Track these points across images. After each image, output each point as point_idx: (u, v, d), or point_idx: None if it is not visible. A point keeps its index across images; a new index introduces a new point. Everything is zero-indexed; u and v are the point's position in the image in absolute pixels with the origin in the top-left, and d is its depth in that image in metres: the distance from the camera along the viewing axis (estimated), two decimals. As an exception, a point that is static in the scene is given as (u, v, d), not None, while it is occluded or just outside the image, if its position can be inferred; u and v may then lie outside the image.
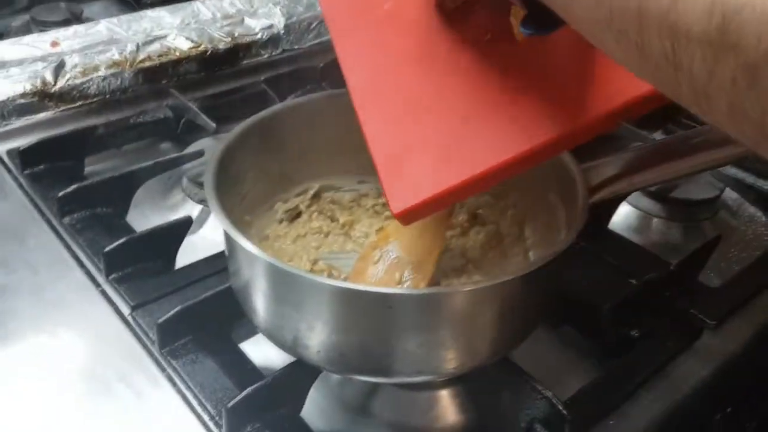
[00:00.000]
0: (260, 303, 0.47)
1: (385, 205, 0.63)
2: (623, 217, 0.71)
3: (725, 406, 0.63)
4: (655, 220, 0.71)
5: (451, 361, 0.46)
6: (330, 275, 0.55)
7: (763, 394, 0.67)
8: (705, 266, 0.63)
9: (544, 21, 0.36)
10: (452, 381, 0.53)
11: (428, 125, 0.46)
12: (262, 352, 0.54)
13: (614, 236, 0.66)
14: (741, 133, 0.27)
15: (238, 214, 0.55)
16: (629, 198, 0.72)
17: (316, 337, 0.45)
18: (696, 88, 0.28)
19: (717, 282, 0.64)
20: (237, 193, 0.55)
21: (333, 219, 0.62)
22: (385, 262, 0.53)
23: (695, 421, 0.58)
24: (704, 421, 0.60)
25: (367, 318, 0.44)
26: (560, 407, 0.47)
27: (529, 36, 0.37)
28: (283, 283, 0.44)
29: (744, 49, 0.25)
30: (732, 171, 0.77)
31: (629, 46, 0.30)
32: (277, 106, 0.60)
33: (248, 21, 0.90)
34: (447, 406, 0.55)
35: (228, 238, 0.47)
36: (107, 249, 0.58)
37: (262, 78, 0.85)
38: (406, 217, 0.44)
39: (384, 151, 0.46)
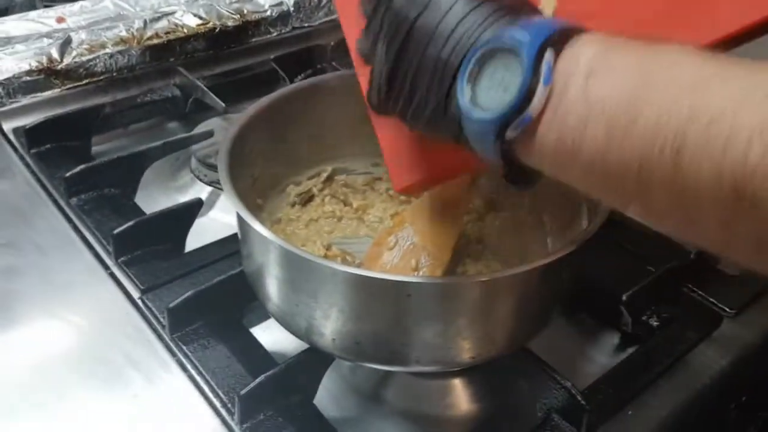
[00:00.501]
0: (274, 289, 0.46)
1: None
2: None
3: (741, 395, 0.62)
4: (673, 207, 0.70)
5: (468, 351, 0.45)
6: (344, 261, 0.54)
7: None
8: (724, 254, 0.62)
9: (526, 179, 0.35)
10: (466, 369, 0.53)
11: None
12: (274, 338, 0.54)
13: (633, 223, 0.65)
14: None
15: (250, 197, 0.53)
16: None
17: (331, 324, 0.44)
18: (716, 240, 0.28)
19: (736, 270, 0.63)
20: (249, 175, 0.53)
21: (346, 203, 0.61)
22: (400, 248, 0.52)
23: (712, 411, 0.57)
24: (721, 410, 0.59)
25: (385, 306, 0.43)
26: (579, 397, 0.46)
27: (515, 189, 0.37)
28: (298, 269, 0.43)
29: (759, 215, 0.25)
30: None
31: (631, 204, 0.31)
32: (289, 87, 0.58)
33: (258, -2, 0.88)
34: (460, 394, 0.54)
35: (241, 222, 0.46)
36: (116, 231, 0.57)
37: (272, 56, 0.83)
38: (407, 191, 0.47)
39: (387, 125, 0.46)
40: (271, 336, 0.54)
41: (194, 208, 0.60)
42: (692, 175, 0.26)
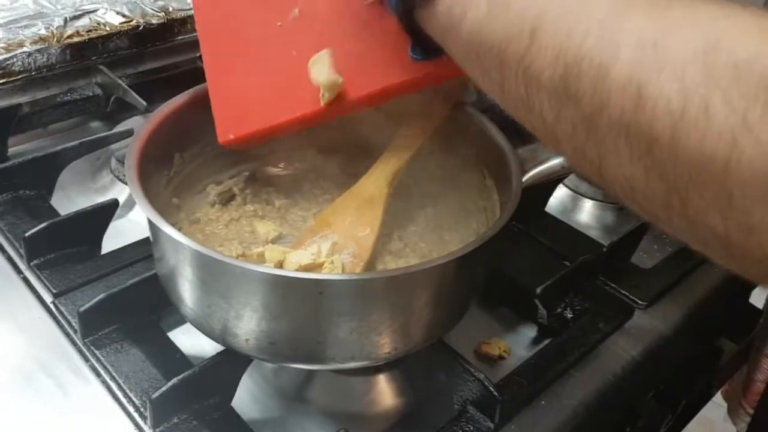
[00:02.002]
0: (186, 291, 0.45)
1: (323, 188, 0.62)
2: (560, 199, 0.72)
3: (657, 384, 0.65)
4: (590, 203, 0.72)
5: (384, 346, 0.45)
6: (260, 261, 0.53)
7: (693, 372, 0.70)
8: (638, 248, 0.64)
9: (428, 48, 0.39)
10: (388, 365, 0.53)
11: (265, 63, 0.50)
12: (193, 341, 0.53)
13: (550, 218, 0.67)
14: (585, 175, 0.31)
15: (165, 197, 0.53)
16: (566, 180, 0.72)
17: (245, 325, 0.43)
18: (547, 130, 0.31)
19: (650, 263, 0.65)
20: (164, 175, 0.53)
21: (269, 202, 0.60)
22: (322, 247, 0.52)
23: (627, 400, 0.59)
24: (637, 399, 0.62)
25: (297, 305, 0.43)
26: (492, 389, 0.47)
27: (418, 60, 0.42)
28: (208, 270, 0.43)
29: (581, 100, 0.28)
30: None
31: (492, 85, 0.34)
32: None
33: (183, -5, 0.87)
34: (383, 390, 0.54)
35: (151, 223, 0.45)
36: (28, 233, 0.56)
37: (198, 54, 0.82)
38: (231, 145, 0.50)
39: (219, 82, 0.50)
40: (190, 339, 0.53)
41: (110, 209, 0.59)
42: (537, 58, 0.29)
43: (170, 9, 0.84)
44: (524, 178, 0.49)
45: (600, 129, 0.28)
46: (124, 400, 0.47)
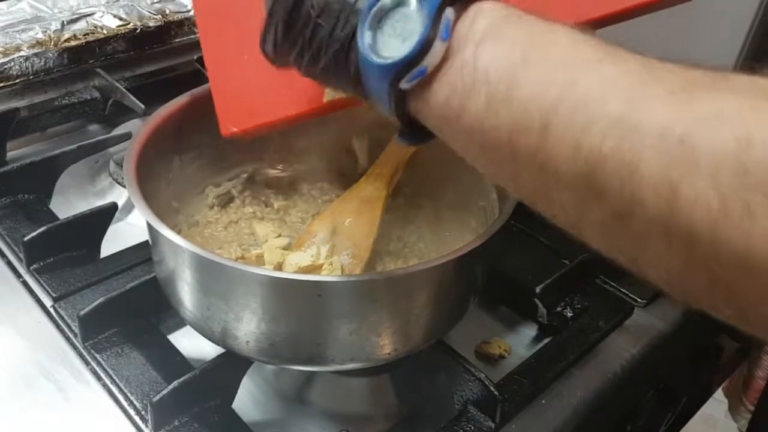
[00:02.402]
0: (186, 294, 0.45)
1: (322, 189, 0.62)
2: (559, 198, 0.72)
3: (658, 382, 0.65)
4: (590, 201, 0.72)
5: (384, 347, 0.45)
6: (260, 263, 0.53)
7: (693, 370, 0.70)
8: (637, 246, 0.64)
9: (417, 137, 0.36)
10: (388, 365, 0.53)
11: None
12: (193, 343, 0.53)
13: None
14: (617, 259, 0.29)
15: (164, 200, 0.53)
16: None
17: (244, 327, 0.43)
18: (571, 223, 0.30)
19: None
20: (162, 177, 0.53)
21: (267, 204, 0.60)
22: (321, 249, 0.52)
23: (628, 398, 0.59)
24: (637, 397, 0.62)
25: (296, 307, 0.43)
26: (492, 388, 0.47)
27: (405, 144, 0.39)
28: (208, 272, 0.43)
29: (608, 198, 0.27)
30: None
31: (503, 176, 0.32)
32: (205, 86, 0.57)
33: (180, -4, 0.87)
34: (384, 390, 0.54)
35: (150, 226, 0.45)
36: (27, 238, 0.56)
37: (195, 57, 0.82)
38: (235, 136, 0.48)
39: (221, 74, 0.49)
40: (190, 341, 0.53)
41: (109, 213, 0.59)
42: (554, 152, 0.28)
43: (167, 11, 0.84)
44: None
45: (632, 226, 0.26)
46: (125, 404, 0.47)
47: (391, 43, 0.33)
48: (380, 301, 0.44)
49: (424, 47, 0.31)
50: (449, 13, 0.31)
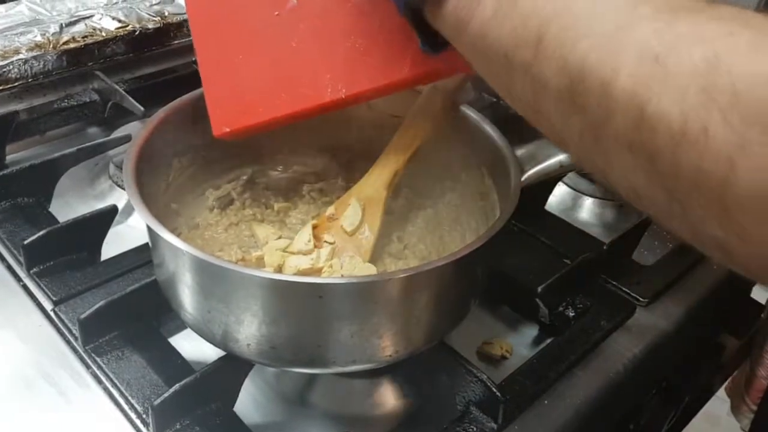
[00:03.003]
0: (186, 297, 0.45)
1: (322, 190, 0.62)
2: (560, 197, 0.72)
3: (660, 381, 0.64)
4: (591, 200, 0.72)
5: (385, 348, 0.45)
6: (260, 264, 0.53)
7: (695, 369, 0.69)
8: (638, 245, 0.64)
9: (437, 42, 0.39)
10: (390, 367, 0.53)
11: (262, 54, 0.49)
12: (194, 346, 0.53)
13: (550, 217, 0.67)
14: (591, 172, 0.31)
15: (163, 202, 0.53)
16: (565, 178, 0.72)
17: (245, 330, 0.43)
18: (555, 133, 0.32)
19: (651, 260, 0.65)
20: (162, 180, 0.53)
21: (267, 206, 0.60)
22: (321, 252, 0.52)
23: (630, 397, 0.59)
24: (639, 396, 0.61)
25: (297, 309, 0.42)
26: (494, 389, 0.47)
27: (428, 54, 0.41)
28: (208, 275, 0.43)
29: (586, 111, 0.28)
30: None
31: (501, 86, 0.34)
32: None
33: (179, -1, 0.87)
34: (385, 392, 0.54)
35: (150, 229, 0.45)
36: (27, 241, 0.55)
37: (194, 59, 0.81)
38: (226, 137, 0.49)
39: (213, 73, 0.50)
40: (191, 344, 0.53)
41: (108, 216, 0.59)
42: (544, 65, 0.30)
43: (166, 13, 0.84)
44: (523, 178, 0.49)
45: (605, 140, 0.28)
46: (126, 407, 0.47)
47: None
48: (381, 303, 0.43)
49: None
50: None
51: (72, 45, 0.79)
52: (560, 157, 0.50)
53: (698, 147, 0.24)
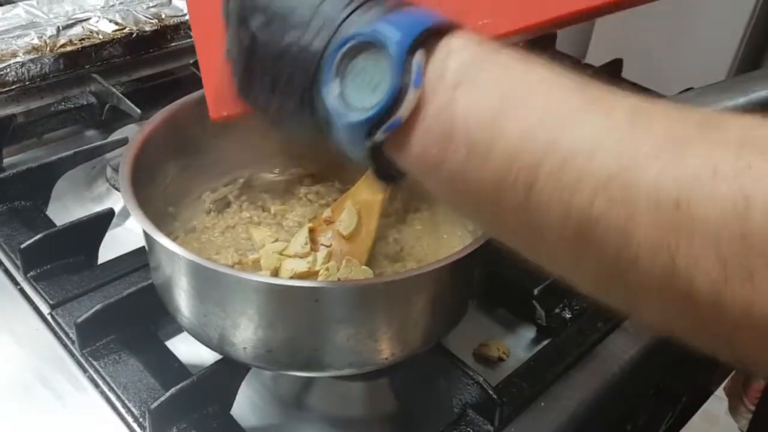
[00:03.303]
0: (182, 300, 0.45)
1: (319, 193, 0.62)
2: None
3: (657, 382, 0.64)
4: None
5: (381, 352, 0.45)
6: (256, 268, 0.53)
7: (692, 369, 0.69)
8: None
9: (394, 178, 0.34)
10: (387, 369, 0.53)
11: None
12: (192, 349, 0.53)
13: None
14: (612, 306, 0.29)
15: (160, 206, 0.53)
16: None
17: (241, 333, 0.43)
18: (561, 274, 0.29)
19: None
20: (158, 183, 0.53)
21: (264, 208, 0.60)
22: (317, 255, 0.52)
23: (627, 399, 0.59)
24: (636, 398, 0.62)
25: (293, 313, 0.43)
26: (491, 391, 0.47)
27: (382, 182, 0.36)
28: (203, 279, 0.43)
29: (602, 259, 0.26)
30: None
31: (490, 228, 0.32)
32: (200, 91, 0.57)
33: (176, 1, 0.87)
34: (383, 394, 0.54)
35: (146, 234, 0.45)
36: (24, 245, 0.56)
37: (191, 61, 0.82)
38: (225, 120, 0.47)
39: (211, 57, 0.48)
40: (188, 347, 0.53)
41: (105, 219, 0.59)
42: (542, 211, 0.27)
43: (163, 16, 0.84)
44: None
45: (629, 285, 0.26)
46: (122, 411, 0.47)
47: (360, 93, 0.31)
48: (377, 307, 0.44)
49: (396, 97, 0.29)
50: (419, 57, 0.29)
51: (69, 48, 0.79)
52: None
53: (744, 291, 0.23)
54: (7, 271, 0.58)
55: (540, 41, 0.65)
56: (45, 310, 0.54)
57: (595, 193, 0.25)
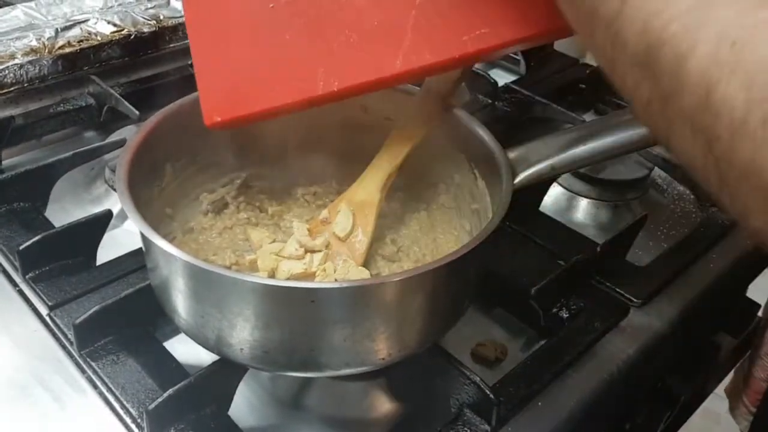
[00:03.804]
0: (179, 302, 0.45)
1: (316, 194, 0.62)
2: (554, 198, 0.72)
3: (655, 382, 0.65)
4: (586, 201, 0.72)
5: (378, 352, 0.45)
6: (253, 269, 0.53)
7: (691, 369, 0.69)
8: (633, 245, 0.64)
9: None
10: (384, 370, 0.53)
11: (256, 46, 0.48)
12: (190, 350, 0.53)
13: (544, 218, 0.67)
14: (653, 134, 0.32)
15: (158, 207, 0.53)
16: (560, 179, 0.72)
17: (238, 334, 0.43)
18: (624, 91, 0.32)
19: (646, 260, 0.65)
20: (156, 185, 0.53)
21: (262, 209, 0.60)
22: (314, 256, 0.52)
23: (624, 399, 0.59)
24: (634, 397, 0.62)
25: (289, 313, 0.43)
26: (488, 391, 0.47)
27: None
28: (200, 281, 0.43)
29: (659, 81, 0.29)
30: (660, 150, 0.78)
31: (583, 32, 0.34)
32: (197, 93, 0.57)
33: (174, 3, 0.87)
34: (380, 395, 0.54)
35: (142, 235, 0.45)
36: (23, 246, 0.56)
37: (190, 62, 0.82)
38: (218, 126, 0.48)
39: (206, 62, 0.49)
40: (186, 348, 0.53)
41: (103, 220, 0.59)
42: (626, 24, 0.30)
43: (161, 17, 0.84)
44: (515, 180, 0.49)
45: (670, 113, 0.29)
46: (120, 412, 0.47)
47: None
48: (374, 307, 0.44)
49: None
50: None
51: (67, 49, 0.79)
52: (552, 161, 0.50)
53: (755, 139, 0.25)
54: (5, 273, 0.58)
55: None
56: (43, 311, 0.54)
57: (672, 18, 0.28)
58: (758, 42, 0.25)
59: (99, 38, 0.81)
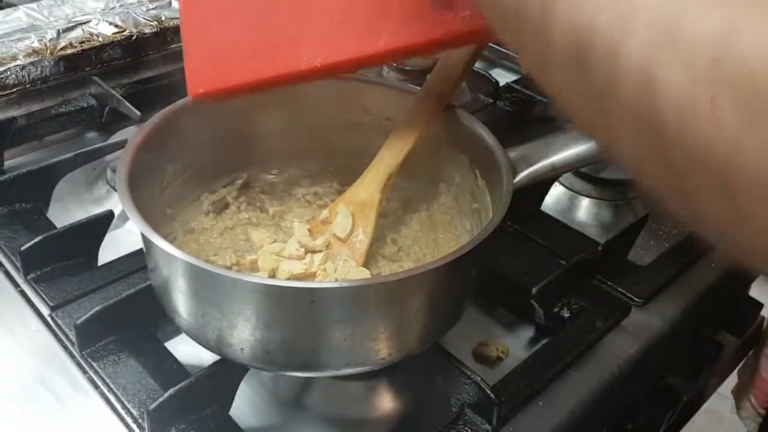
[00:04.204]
0: (180, 302, 0.45)
1: (317, 194, 0.62)
2: (556, 197, 0.72)
3: (657, 381, 0.64)
4: (587, 200, 0.72)
5: (379, 351, 0.45)
6: (254, 269, 0.53)
7: (693, 368, 0.69)
8: (634, 245, 0.64)
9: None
10: (385, 369, 0.53)
11: (243, 21, 0.49)
12: (191, 350, 0.53)
13: (545, 217, 0.67)
14: (595, 141, 0.32)
15: (158, 208, 0.53)
16: (561, 178, 0.72)
17: (238, 335, 0.44)
18: (561, 97, 0.31)
19: (648, 259, 0.65)
20: (157, 185, 0.53)
21: (262, 210, 0.60)
22: (314, 256, 0.52)
23: (626, 398, 0.59)
24: (635, 397, 0.61)
25: (289, 313, 0.43)
26: (488, 391, 0.47)
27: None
28: (200, 281, 0.43)
29: (593, 76, 0.27)
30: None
31: (513, 44, 0.33)
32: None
33: (175, 4, 0.87)
34: (381, 394, 0.54)
35: (143, 236, 0.45)
36: (24, 247, 0.56)
37: (191, 63, 0.82)
38: (203, 97, 0.48)
39: (195, 36, 0.49)
40: (187, 348, 0.53)
41: (105, 221, 0.59)
42: (552, 22, 0.28)
43: (163, 18, 0.85)
44: (516, 180, 0.49)
45: (610, 109, 0.27)
46: (122, 412, 0.48)
47: None
48: (374, 307, 0.44)
49: None
50: None
51: (69, 50, 0.79)
52: (552, 160, 0.50)
53: (705, 121, 0.23)
54: (7, 273, 0.58)
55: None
56: (45, 311, 0.54)
57: (600, 8, 0.26)
58: (695, 17, 0.24)
59: (100, 39, 0.81)
